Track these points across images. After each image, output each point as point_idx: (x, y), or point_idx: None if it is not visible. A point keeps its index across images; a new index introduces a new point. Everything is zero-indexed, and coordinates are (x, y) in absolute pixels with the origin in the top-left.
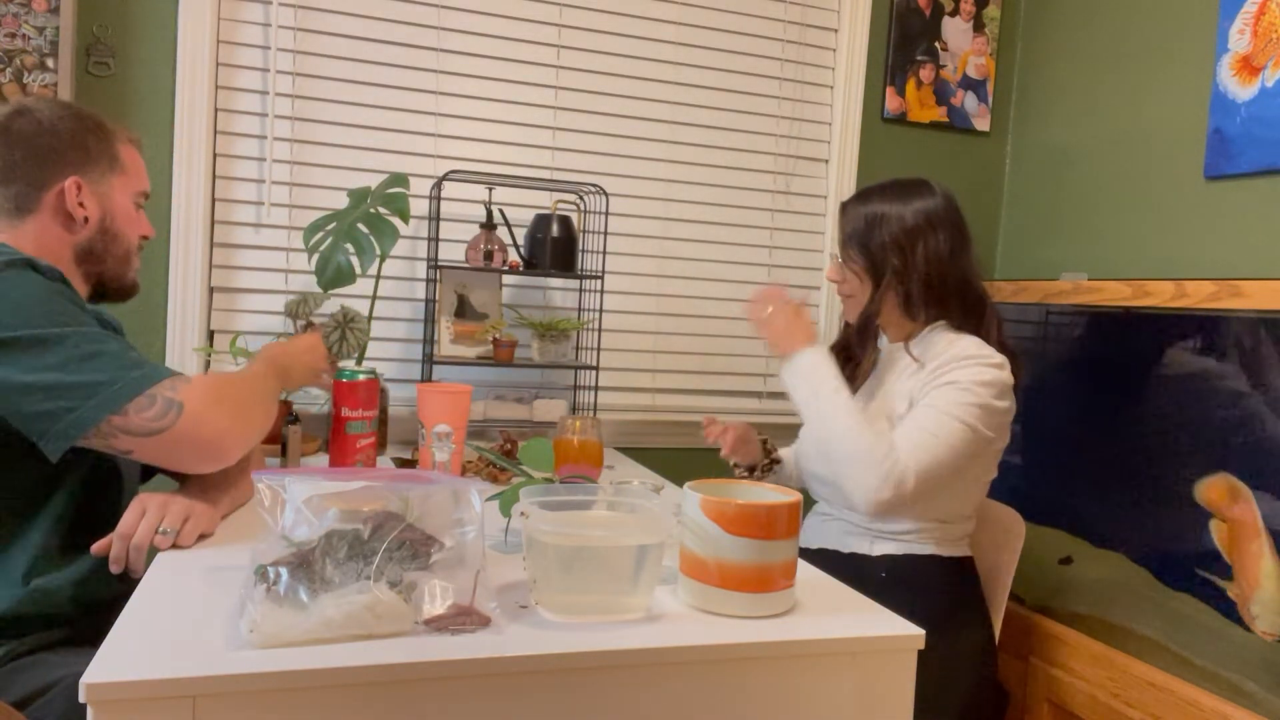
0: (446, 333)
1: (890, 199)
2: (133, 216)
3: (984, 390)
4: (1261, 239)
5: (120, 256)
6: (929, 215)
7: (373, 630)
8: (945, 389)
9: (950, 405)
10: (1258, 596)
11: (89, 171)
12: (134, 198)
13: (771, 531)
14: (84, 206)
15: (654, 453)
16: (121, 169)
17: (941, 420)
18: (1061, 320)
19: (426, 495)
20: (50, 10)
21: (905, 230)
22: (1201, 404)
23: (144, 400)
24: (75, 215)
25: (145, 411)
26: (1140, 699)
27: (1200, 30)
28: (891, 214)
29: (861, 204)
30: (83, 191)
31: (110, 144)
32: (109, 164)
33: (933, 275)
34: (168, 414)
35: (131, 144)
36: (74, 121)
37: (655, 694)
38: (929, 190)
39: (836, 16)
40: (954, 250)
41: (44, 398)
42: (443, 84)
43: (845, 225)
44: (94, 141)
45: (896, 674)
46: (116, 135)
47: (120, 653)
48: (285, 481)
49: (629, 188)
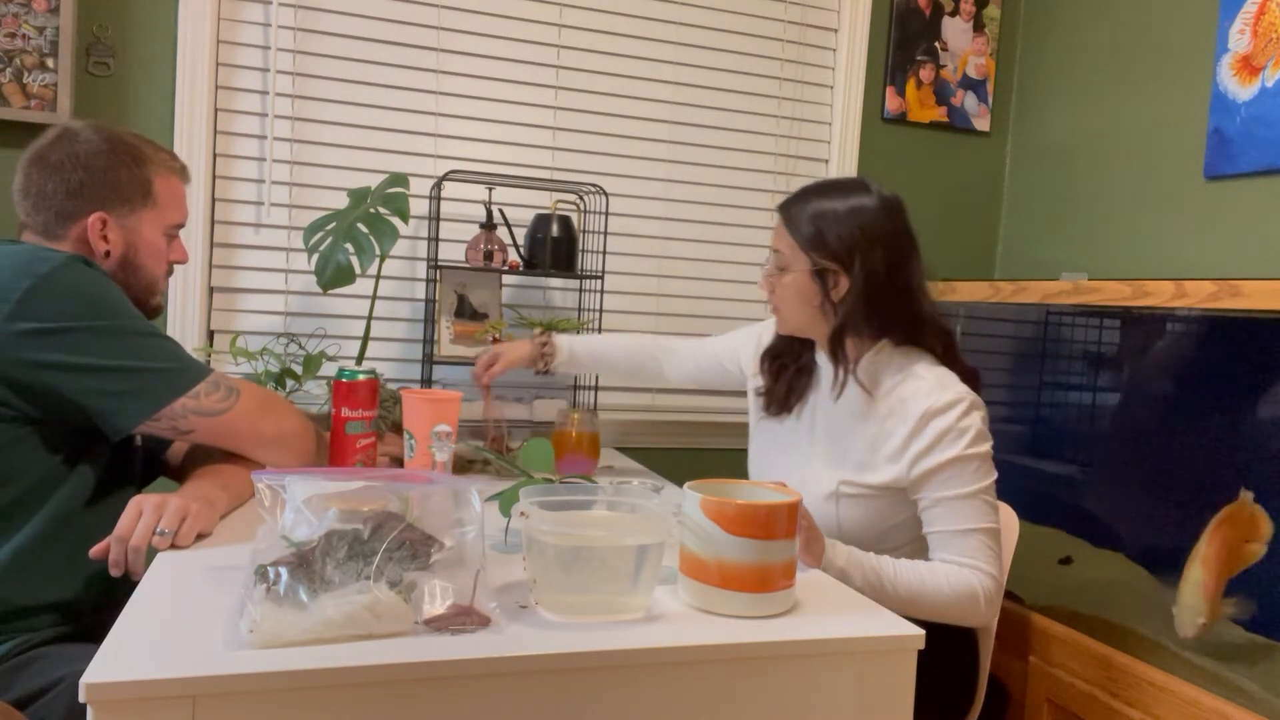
0: (446, 333)
1: (836, 198)
2: (159, 249)
3: (983, 446)
4: (1261, 239)
5: (143, 286)
6: (864, 226)
7: (373, 630)
8: (951, 470)
9: (966, 485)
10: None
11: (117, 208)
12: (165, 230)
13: (771, 531)
14: (107, 240)
15: (654, 453)
16: (153, 203)
17: (974, 508)
18: (1061, 320)
19: (426, 495)
20: (50, 10)
21: (843, 242)
22: (1201, 404)
23: (208, 384)
24: (97, 249)
25: (213, 394)
26: (1140, 699)
27: (1200, 30)
28: (840, 215)
29: (803, 204)
30: (107, 226)
31: (145, 177)
32: (140, 199)
33: (872, 292)
34: (229, 397)
35: (173, 173)
36: (109, 156)
37: (655, 694)
38: (865, 191)
39: (836, 16)
40: (893, 264)
41: (121, 379)
42: (443, 84)
43: (793, 229)
44: (127, 176)
45: (896, 674)
46: (155, 165)
47: (120, 653)
48: (285, 481)
49: (629, 188)
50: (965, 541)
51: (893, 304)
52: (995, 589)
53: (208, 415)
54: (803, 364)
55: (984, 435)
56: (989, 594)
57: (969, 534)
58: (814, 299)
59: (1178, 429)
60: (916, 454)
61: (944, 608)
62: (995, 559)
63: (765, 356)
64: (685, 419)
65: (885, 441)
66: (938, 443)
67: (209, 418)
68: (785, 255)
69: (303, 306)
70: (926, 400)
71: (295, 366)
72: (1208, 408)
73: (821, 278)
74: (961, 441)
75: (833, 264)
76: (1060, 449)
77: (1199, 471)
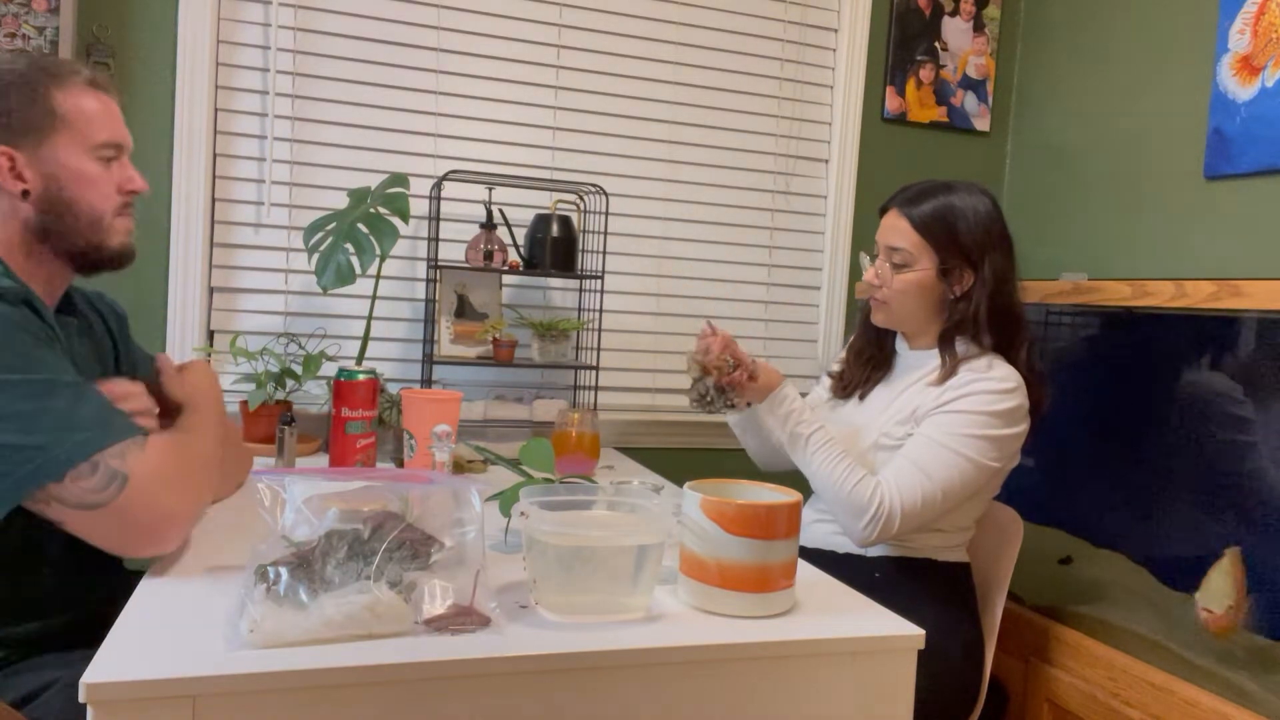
0: (446, 333)
1: (959, 196)
2: (90, 176)
3: (991, 421)
4: (1261, 239)
5: (88, 224)
6: (988, 227)
7: (373, 630)
8: (950, 417)
9: (949, 438)
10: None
11: (19, 140)
12: (90, 152)
13: (771, 531)
14: (24, 179)
15: (654, 453)
16: (64, 124)
17: (939, 455)
18: (1061, 320)
19: (426, 495)
20: (50, 10)
21: (974, 240)
22: (1201, 403)
23: (85, 468)
24: (12, 190)
25: (84, 480)
26: (1140, 699)
27: (1200, 30)
28: (969, 215)
29: (926, 202)
30: (17, 163)
31: (43, 96)
32: (45, 123)
33: (995, 289)
34: (109, 486)
35: (80, 86)
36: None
37: (655, 694)
38: (984, 194)
39: (836, 16)
40: (1008, 264)
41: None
42: (443, 84)
43: (920, 227)
44: (18, 101)
45: (896, 674)
46: (57, 81)
47: (120, 653)
48: (285, 481)
49: (629, 188)
50: (903, 468)
51: (1008, 303)
52: (888, 521)
53: (72, 506)
54: (884, 356)
55: (1000, 417)
56: (880, 519)
57: (913, 468)
58: (936, 296)
59: (1178, 429)
60: (943, 390)
61: (834, 502)
62: (917, 505)
63: (851, 351)
64: (685, 419)
65: (929, 392)
66: (960, 393)
67: (74, 509)
68: (908, 252)
69: (303, 306)
70: (977, 372)
71: (295, 366)
72: (1208, 407)
73: (947, 276)
74: (975, 402)
75: (962, 263)
76: (1061, 449)
77: (1199, 471)
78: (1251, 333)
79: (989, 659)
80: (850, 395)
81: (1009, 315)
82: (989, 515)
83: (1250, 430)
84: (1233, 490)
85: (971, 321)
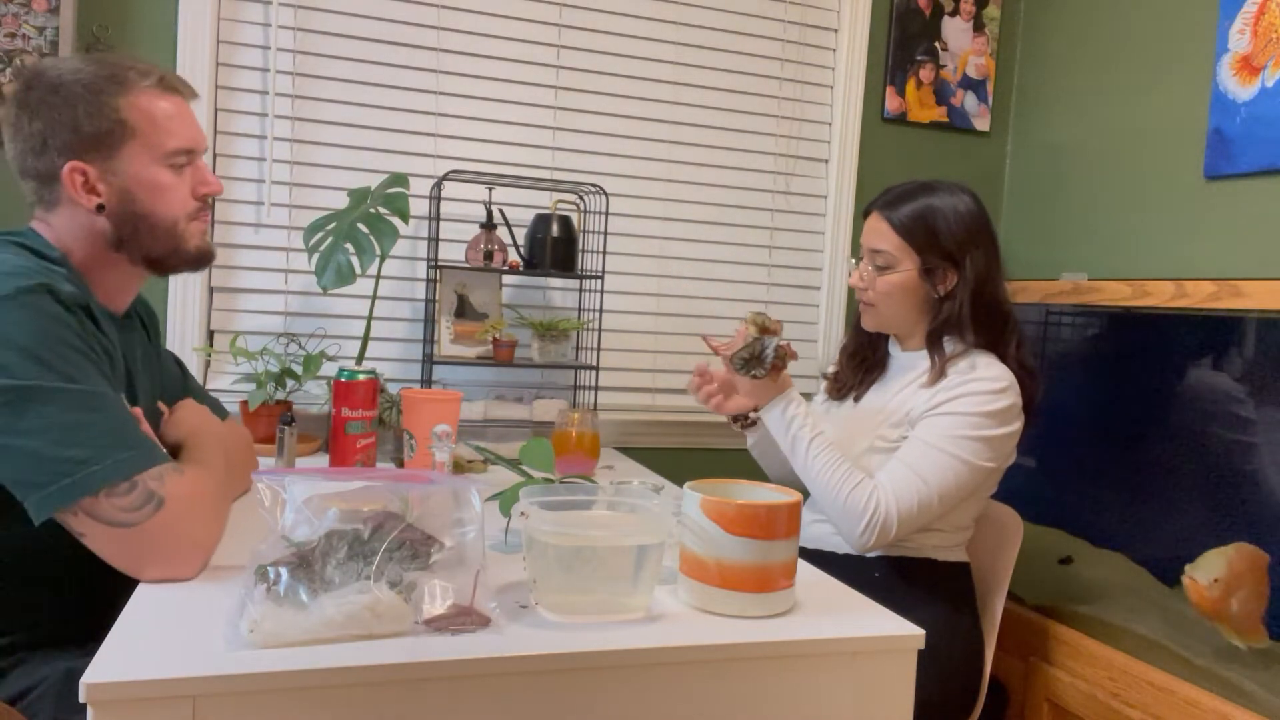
0: (446, 333)
1: (939, 197)
2: (164, 185)
3: (985, 421)
4: (1261, 239)
5: (164, 233)
6: (969, 226)
7: (373, 630)
8: (943, 419)
9: (943, 440)
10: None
11: (90, 153)
12: (164, 160)
13: (771, 531)
14: (98, 193)
15: (654, 453)
16: (133, 133)
17: (933, 459)
18: (1061, 320)
19: (426, 495)
20: (50, 10)
21: (955, 241)
22: (1201, 403)
23: (123, 486)
24: (87, 205)
25: (119, 499)
26: (1140, 699)
27: (1200, 30)
28: (949, 215)
29: (905, 204)
30: (90, 177)
31: (108, 108)
32: (115, 133)
33: (978, 288)
34: (144, 507)
35: (159, 90)
36: (60, 94)
37: (655, 694)
38: (965, 193)
39: (836, 16)
40: (991, 262)
41: (21, 465)
42: (443, 84)
43: (900, 229)
44: (86, 112)
45: (896, 674)
46: (123, 88)
47: (120, 653)
48: (285, 481)
49: (629, 188)
50: (898, 473)
51: (992, 300)
52: (885, 526)
53: (103, 522)
54: (877, 359)
55: (993, 418)
56: (877, 525)
57: (908, 472)
58: (920, 297)
59: (1178, 429)
60: (935, 392)
61: (831, 508)
62: (914, 509)
63: (844, 353)
64: (685, 419)
65: (923, 393)
66: (952, 394)
67: (105, 525)
68: (890, 254)
69: (303, 306)
70: (970, 372)
71: (295, 366)
72: (1208, 408)
73: (930, 276)
74: (968, 404)
75: (944, 262)
76: (1061, 449)
77: (1199, 471)
78: (1251, 333)
79: (989, 659)
80: (845, 397)
81: (995, 312)
82: (988, 515)
83: (1250, 430)
84: (1233, 490)
85: (957, 320)
